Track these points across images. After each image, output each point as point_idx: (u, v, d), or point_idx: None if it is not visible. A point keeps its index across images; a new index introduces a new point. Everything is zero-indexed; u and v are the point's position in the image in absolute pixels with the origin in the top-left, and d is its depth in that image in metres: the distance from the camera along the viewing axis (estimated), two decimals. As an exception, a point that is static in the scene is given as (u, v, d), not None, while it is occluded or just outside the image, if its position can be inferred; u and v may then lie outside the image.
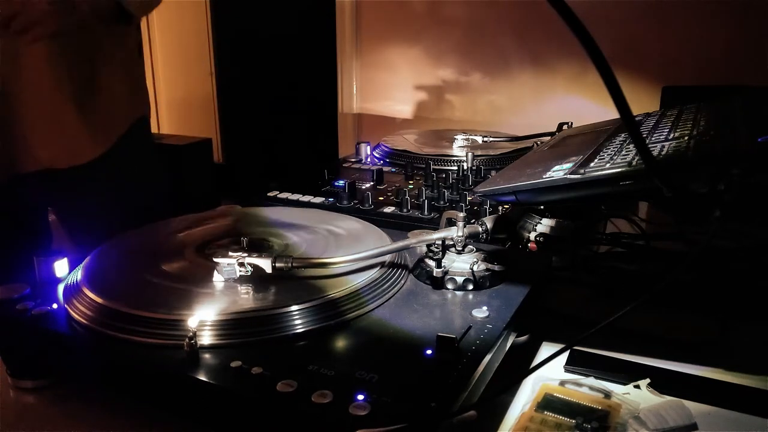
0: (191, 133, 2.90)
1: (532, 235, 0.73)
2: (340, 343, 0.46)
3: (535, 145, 1.04)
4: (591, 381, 0.51)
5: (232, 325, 0.46)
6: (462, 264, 0.55)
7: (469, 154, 0.98)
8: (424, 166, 0.97)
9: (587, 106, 1.46)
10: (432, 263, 0.55)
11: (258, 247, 0.59)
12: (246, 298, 0.50)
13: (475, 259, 0.56)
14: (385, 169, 1.00)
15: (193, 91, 3.22)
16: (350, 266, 0.54)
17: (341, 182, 0.87)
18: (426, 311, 0.50)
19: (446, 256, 0.56)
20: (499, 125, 1.39)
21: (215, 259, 0.52)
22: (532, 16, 1.50)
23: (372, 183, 0.91)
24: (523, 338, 0.57)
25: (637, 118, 0.82)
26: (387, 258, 0.56)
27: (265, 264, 0.52)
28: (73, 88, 0.93)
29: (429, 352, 0.44)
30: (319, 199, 0.83)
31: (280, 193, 0.86)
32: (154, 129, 2.36)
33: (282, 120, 3.15)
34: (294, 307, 0.47)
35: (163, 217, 0.70)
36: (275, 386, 0.40)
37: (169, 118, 3.39)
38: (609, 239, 0.79)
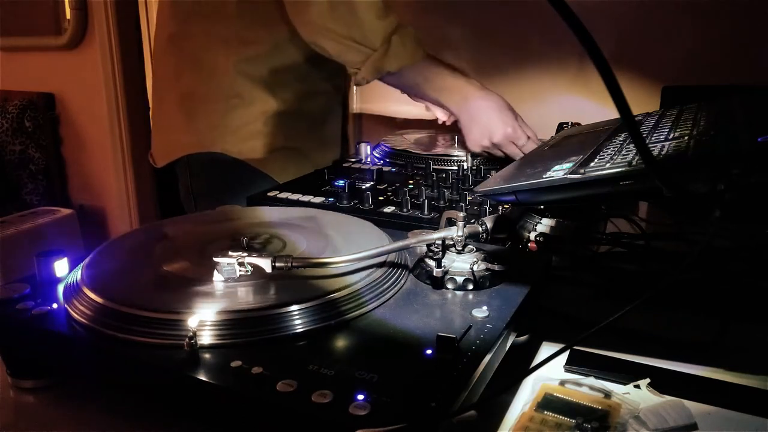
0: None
1: (532, 235, 0.73)
2: (340, 343, 0.46)
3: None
4: (591, 381, 0.51)
5: (232, 325, 0.46)
6: (462, 264, 0.55)
7: (469, 154, 0.98)
8: (424, 166, 0.97)
9: (587, 106, 1.46)
10: (432, 263, 0.55)
11: (258, 247, 0.59)
12: (246, 298, 0.50)
13: (475, 259, 0.56)
14: (385, 169, 1.00)
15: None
16: (350, 266, 0.54)
17: (341, 182, 0.87)
18: (426, 311, 0.50)
19: (446, 256, 0.56)
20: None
21: (215, 259, 0.52)
22: (532, 16, 1.50)
23: (372, 183, 0.91)
24: (523, 338, 0.57)
25: (637, 118, 0.82)
26: (387, 258, 0.56)
27: (265, 264, 0.52)
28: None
29: (429, 352, 0.44)
30: (319, 199, 0.83)
31: (280, 193, 0.86)
32: (154, 129, 2.36)
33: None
34: (294, 307, 0.47)
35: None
36: (275, 386, 0.40)
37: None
38: (609, 239, 0.79)
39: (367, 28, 0.96)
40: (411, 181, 0.92)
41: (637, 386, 0.50)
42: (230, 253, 0.52)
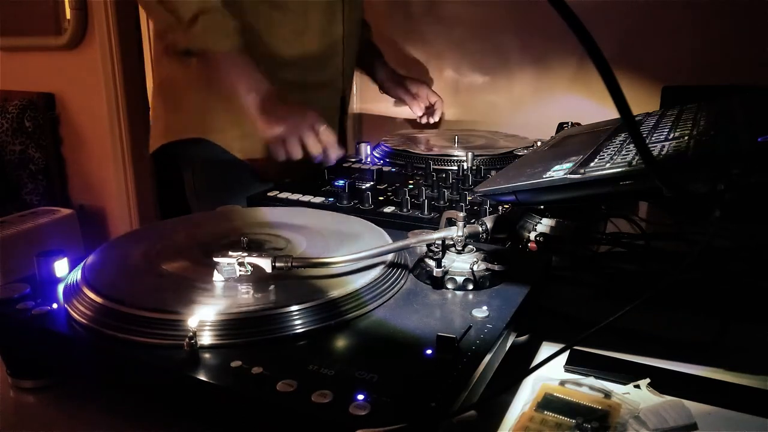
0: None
1: (532, 235, 0.73)
2: (340, 343, 0.46)
3: (535, 145, 1.04)
4: (591, 381, 0.51)
5: (232, 325, 0.46)
6: (462, 264, 0.55)
7: (469, 154, 0.98)
8: (424, 166, 0.97)
9: (587, 106, 1.45)
10: (432, 263, 0.55)
11: (258, 247, 0.59)
12: (246, 298, 0.50)
13: (475, 259, 0.56)
14: (385, 169, 1.00)
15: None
16: (350, 266, 0.54)
17: (341, 182, 0.87)
18: (426, 311, 0.50)
19: (446, 256, 0.56)
20: (499, 125, 1.39)
21: (215, 259, 0.52)
22: (532, 16, 1.50)
23: (372, 183, 0.91)
24: (523, 338, 0.57)
25: (637, 118, 0.82)
26: (387, 258, 0.56)
27: (265, 264, 0.52)
28: None
29: (429, 352, 0.44)
30: (319, 199, 0.83)
31: (280, 193, 0.86)
32: (154, 128, 2.36)
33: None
34: (294, 307, 0.47)
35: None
36: (275, 386, 0.40)
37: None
38: (609, 239, 0.79)
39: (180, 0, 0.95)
40: (411, 181, 0.92)
41: (637, 386, 0.50)
42: (230, 253, 0.52)
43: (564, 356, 0.54)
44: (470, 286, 0.54)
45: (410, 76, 1.43)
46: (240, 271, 0.52)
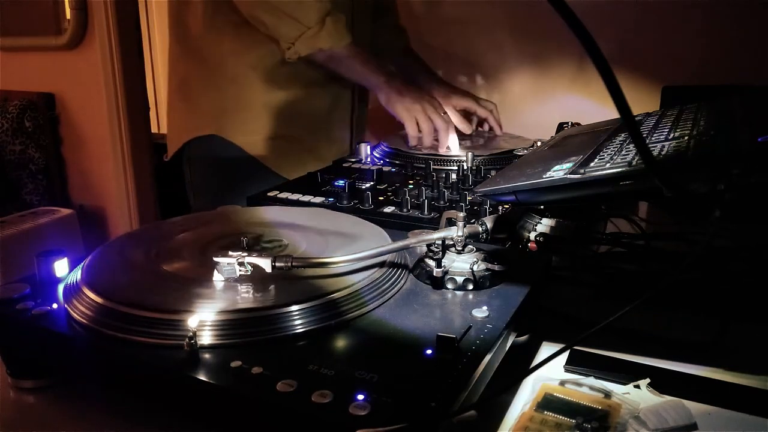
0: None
1: (532, 235, 0.73)
2: (340, 343, 0.46)
3: (535, 145, 1.04)
4: (591, 381, 0.51)
5: (232, 325, 0.46)
6: (462, 264, 0.55)
7: (469, 154, 0.98)
8: (424, 166, 0.97)
9: (587, 106, 1.46)
10: (432, 263, 0.55)
11: (258, 247, 0.59)
12: (246, 297, 0.50)
13: (475, 259, 0.56)
14: (385, 169, 1.00)
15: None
16: (350, 266, 0.54)
17: (341, 182, 0.87)
18: (426, 311, 0.50)
19: (446, 256, 0.56)
20: (499, 125, 1.39)
21: (215, 259, 0.52)
22: (531, 16, 1.50)
23: (372, 183, 0.91)
24: (523, 338, 0.57)
25: (637, 118, 0.82)
26: (387, 258, 0.56)
27: (265, 264, 0.52)
28: None
29: (429, 352, 0.44)
30: (319, 199, 0.83)
31: (280, 193, 0.86)
32: (153, 128, 2.36)
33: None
34: (294, 307, 0.47)
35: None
36: (275, 386, 0.40)
37: (169, 118, 3.38)
38: (609, 239, 0.79)
39: (305, 5, 1.02)
40: (411, 181, 0.92)
41: (637, 386, 0.50)
42: (230, 253, 0.52)
43: (564, 356, 0.54)
44: (470, 286, 0.54)
45: (458, 87, 1.32)
46: (240, 271, 0.52)
